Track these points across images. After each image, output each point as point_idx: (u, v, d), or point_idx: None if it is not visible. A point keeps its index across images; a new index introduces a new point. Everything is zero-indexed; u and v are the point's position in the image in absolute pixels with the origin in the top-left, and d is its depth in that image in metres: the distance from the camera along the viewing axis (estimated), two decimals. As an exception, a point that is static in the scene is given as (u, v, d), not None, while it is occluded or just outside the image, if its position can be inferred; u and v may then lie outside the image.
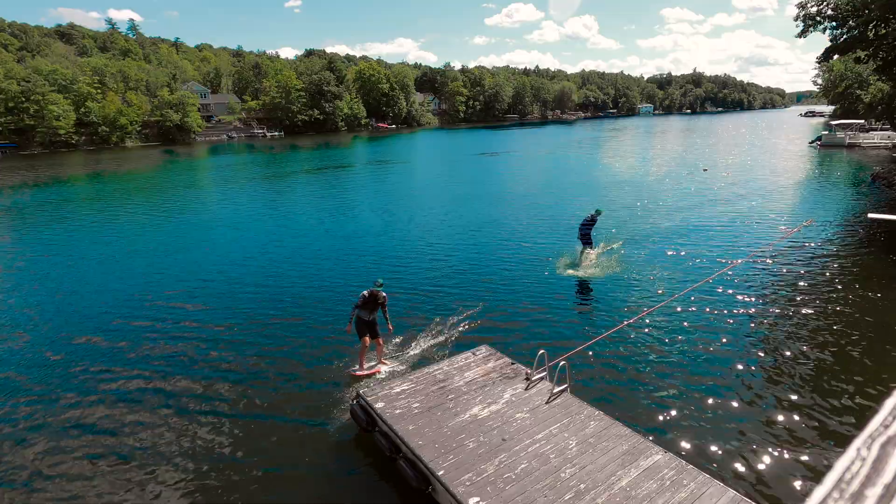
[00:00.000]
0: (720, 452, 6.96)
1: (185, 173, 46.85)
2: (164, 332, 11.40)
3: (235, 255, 17.78)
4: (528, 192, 29.66)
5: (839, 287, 13.07)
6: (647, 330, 10.74)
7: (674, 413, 7.90)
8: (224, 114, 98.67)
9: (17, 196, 33.82)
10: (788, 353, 9.74)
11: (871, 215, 17.51)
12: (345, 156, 59.38)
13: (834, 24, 32.71)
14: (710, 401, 8.19)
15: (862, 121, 59.32)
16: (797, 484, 6.36)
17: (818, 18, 32.58)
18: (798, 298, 12.41)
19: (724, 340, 10.30)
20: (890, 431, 0.66)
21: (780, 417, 7.73)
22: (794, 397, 8.27)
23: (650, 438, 6.41)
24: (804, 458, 6.83)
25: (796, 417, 7.71)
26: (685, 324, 11.06)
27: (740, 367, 9.29)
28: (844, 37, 32.67)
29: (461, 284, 13.98)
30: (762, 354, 9.77)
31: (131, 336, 11.26)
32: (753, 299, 12.43)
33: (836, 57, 37.56)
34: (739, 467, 6.67)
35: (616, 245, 16.45)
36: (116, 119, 77.92)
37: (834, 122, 59.42)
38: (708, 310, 11.75)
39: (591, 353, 9.34)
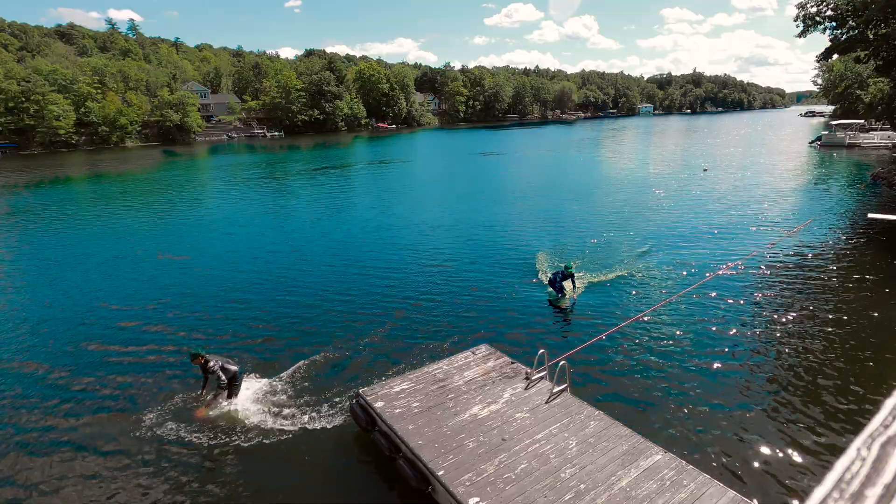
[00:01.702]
0: (720, 452, 6.95)
1: (184, 174, 46.83)
2: (159, 334, 11.40)
3: (231, 257, 17.77)
4: (528, 193, 29.65)
5: (839, 287, 13.07)
6: (646, 330, 10.73)
7: (674, 413, 7.89)
8: (224, 114, 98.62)
9: (16, 196, 33.77)
10: (788, 353, 9.74)
11: (871, 215, 17.51)
12: (345, 156, 59.34)
13: (834, 24, 32.70)
14: (710, 401, 8.18)
15: (862, 121, 59.29)
16: (797, 484, 6.36)
17: (818, 18, 32.57)
18: (798, 299, 12.41)
19: (724, 341, 10.29)
20: (890, 431, 0.67)
21: (780, 417, 7.73)
22: (793, 397, 8.26)
23: (650, 438, 6.40)
24: (804, 458, 6.83)
25: (796, 417, 7.70)
26: (685, 324, 11.05)
27: (740, 366, 9.29)
28: (844, 37, 32.65)
29: (461, 284, 13.97)
30: (762, 354, 9.77)
31: (129, 338, 11.27)
32: (753, 299, 12.42)
33: (835, 57, 37.54)
34: (739, 467, 6.67)
35: (619, 274, 14.50)
36: (116, 119, 77.93)
37: (834, 122, 59.38)
38: (708, 310, 11.74)
39: (591, 353, 9.33)
